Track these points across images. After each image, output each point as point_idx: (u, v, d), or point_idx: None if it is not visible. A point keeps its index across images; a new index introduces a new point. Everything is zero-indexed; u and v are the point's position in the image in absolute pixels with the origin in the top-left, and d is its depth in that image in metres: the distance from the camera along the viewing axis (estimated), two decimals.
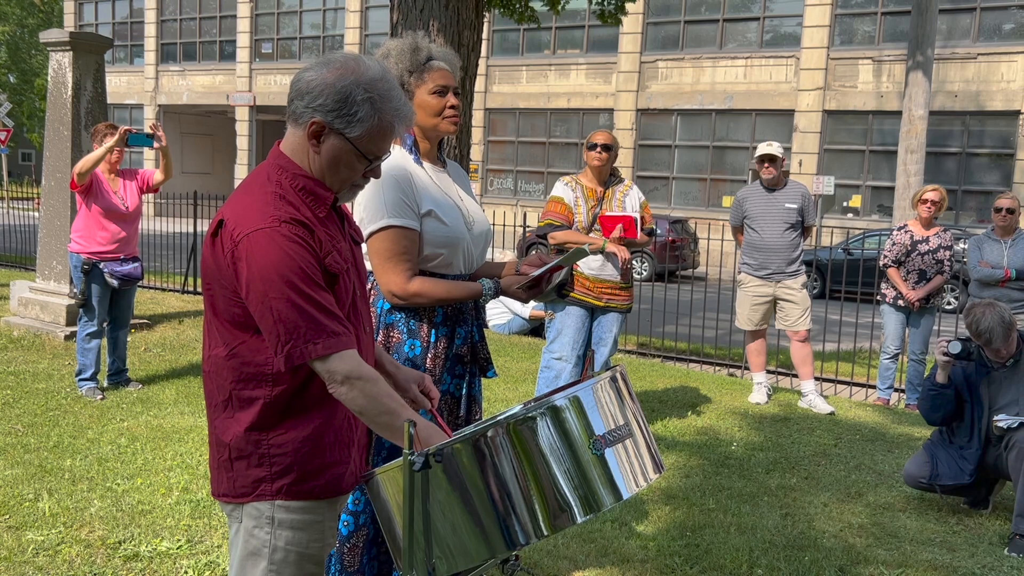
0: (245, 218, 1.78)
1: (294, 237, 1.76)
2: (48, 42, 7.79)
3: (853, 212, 21.22)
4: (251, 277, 1.75)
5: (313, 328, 1.75)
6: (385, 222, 2.54)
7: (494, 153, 26.10)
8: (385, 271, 2.55)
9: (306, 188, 1.86)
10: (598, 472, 1.79)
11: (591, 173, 5.41)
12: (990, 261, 6.67)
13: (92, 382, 6.08)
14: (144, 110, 32.23)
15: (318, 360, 1.77)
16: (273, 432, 1.85)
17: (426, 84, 2.64)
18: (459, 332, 2.71)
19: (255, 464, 1.86)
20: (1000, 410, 4.38)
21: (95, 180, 5.98)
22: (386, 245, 2.55)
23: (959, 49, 19.69)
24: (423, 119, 2.67)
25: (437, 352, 2.65)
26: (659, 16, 23.39)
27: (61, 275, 7.87)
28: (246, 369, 1.84)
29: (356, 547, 2.61)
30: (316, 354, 1.76)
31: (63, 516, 3.96)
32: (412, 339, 2.63)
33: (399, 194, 2.55)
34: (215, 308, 1.86)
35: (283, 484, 1.87)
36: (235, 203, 1.82)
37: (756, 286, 6.73)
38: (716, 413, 6.38)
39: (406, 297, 2.56)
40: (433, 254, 2.61)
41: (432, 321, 2.65)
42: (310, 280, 1.76)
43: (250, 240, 1.75)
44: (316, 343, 1.75)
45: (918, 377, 7.14)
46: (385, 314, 2.64)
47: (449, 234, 2.62)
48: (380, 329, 2.63)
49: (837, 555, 3.92)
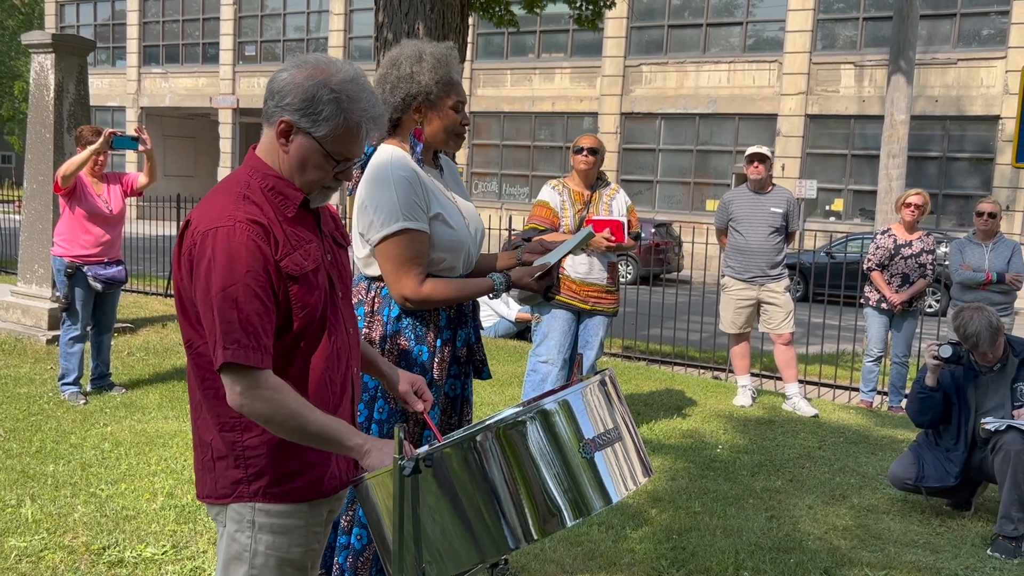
0: (206, 217, 1.80)
1: (248, 238, 1.77)
2: (30, 44, 7.73)
3: (835, 216, 21.35)
4: (198, 274, 1.77)
5: (228, 334, 1.74)
6: (400, 225, 2.49)
7: (479, 156, 26.10)
8: (399, 276, 2.52)
9: (275, 188, 1.88)
10: (587, 476, 1.80)
11: (578, 177, 5.43)
12: (972, 264, 6.73)
13: (75, 387, 6.03)
14: (126, 112, 32.02)
15: (224, 367, 1.75)
16: (247, 433, 1.86)
17: (449, 98, 2.63)
18: (460, 335, 2.71)
19: (232, 465, 1.87)
20: (987, 413, 4.42)
21: (79, 183, 5.93)
22: (400, 249, 2.51)
23: (940, 54, 19.87)
24: (436, 131, 2.65)
25: (443, 356, 2.65)
26: (643, 20, 23.47)
27: (43, 279, 7.80)
28: (210, 367, 1.85)
29: (368, 560, 2.61)
30: (223, 359, 1.74)
31: (46, 522, 3.92)
32: (419, 345, 2.61)
33: (412, 196, 2.52)
34: (184, 308, 1.87)
35: (260, 486, 1.87)
36: (203, 204, 1.85)
37: (740, 289, 6.76)
38: (701, 416, 6.40)
39: (419, 300, 2.53)
40: (437, 258, 2.59)
41: (437, 325, 2.64)
42: (246, 288, 1.76)
43: (205, 238, 1.78)
44: (227, 349, 1.74)
45: (901, 380, 7.19)
46: (392, 321, 2.61)
47: (454, 238, 2.61)
48: (388, 336, 2.60)
49: (822, 557, 3.94)
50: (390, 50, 2.72)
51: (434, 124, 2.65)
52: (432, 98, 2.62)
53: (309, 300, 1.87)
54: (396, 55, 2.65)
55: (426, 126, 2.65)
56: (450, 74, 2.63)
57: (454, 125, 2.66)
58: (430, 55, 2.61)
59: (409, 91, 2.61)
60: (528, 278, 2.62)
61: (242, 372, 1.75)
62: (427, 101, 2.62)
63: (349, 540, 2.61)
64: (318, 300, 1.89)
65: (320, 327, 1.91)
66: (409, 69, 2.60)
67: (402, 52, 2.64)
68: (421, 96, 2.61)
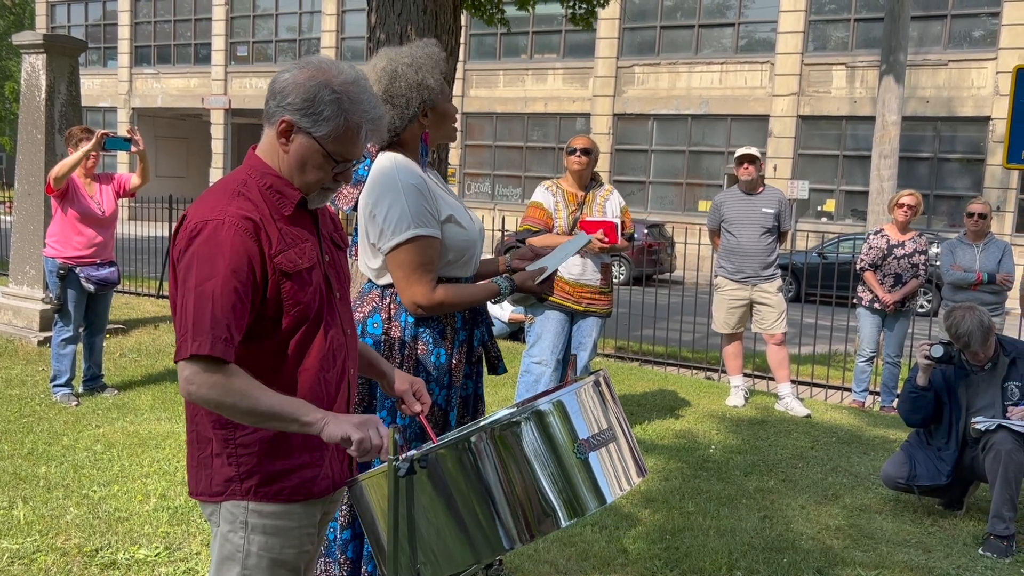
0: (199, 212, 1.82)
1: (235, 233, 1.78)
2: (21, 44, 7.70)
3: (827, 216, 21.41)
4: (182, 264, 1.79)
5: (199, 327, 1.73)
6: (412, 232, 2.49)
7: (471, 157, 26.09)
8: (411, 283, 2.52)
9: (273, 187, 1.89)
10: (582, 476, 1.80)
11: (571, 177, 5.43)
12: (963, 265, 6.76)
13: (67, 388, 6.01)
14: (118, 113, 31.91)
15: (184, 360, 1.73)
16: (240, 431, 1.86)
17: (446, 94, 2.68)
18: (476, 335, 2.74)
19: (226, 463, 1.88)
20: (977, 412, 4.44)
21: (71, 184, 5.92)
22: (411, 257, 2.51)
23: (931, 55, 19.94)
24: (441, 126, 2.68)
25: (460, 358, 2.67)
26: (635, 21, 23.50)
27: (34, 280, 7.77)
28: None
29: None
30: (187, 352, 1.73)
31: (38, 524, 3.91)
32: (437, 348, 2.62)
33: (422, 202, 2.52)
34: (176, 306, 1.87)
35: (251, 484, 1.87)
36: (199, 201, 1.87)
37: (732, 290, 6.78)
38: (694, 416, 6.41)
39: (431, 307, 2.54)
40: (454, 257, 2.61)
41: (454, 328, 2.66)
42: (226, 282, 1.75)
43: (194, 230, 1.79)
44: (196, 340, 1.72)
45: (893, 380, 7.21)
46: (411, 327, 2.61)
47: (468, 237, 2.63)
48: (406, 342, 2.60)
49: (815, 557, 3.95)
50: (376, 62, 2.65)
51: (440, 123, 2.68)
52: (433, 98, 2.63)
53: (302, 298, 1.87)
54: (390, 68, 2.59)
55: (433, 128, 2.67)
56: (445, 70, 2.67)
57: (455, 116, 2.72)
58: (427, 57, 2.62)
59: (423, 98, 2.61)
60: (531, 282, 2.67)
61: (203, 363, 1.73)
62: (433, 103, 2.64)
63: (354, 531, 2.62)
64: (312, 299, 1.89)
65: (315, 326, 1.91)
66: (417, 77, 2.59)
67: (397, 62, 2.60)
68: (431, 100, 2.63)
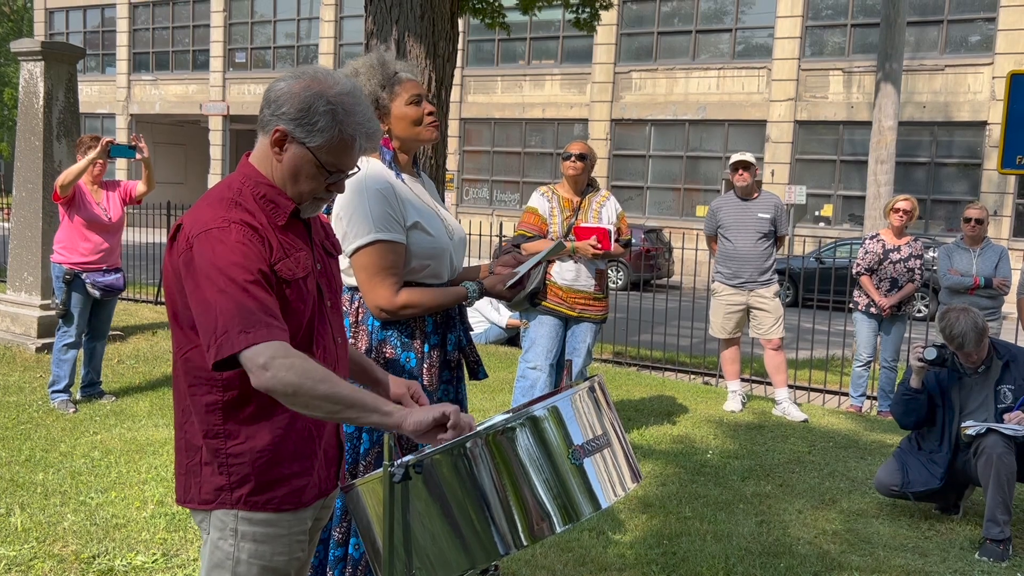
0: (199, 221, 1.82)
1: (242, 237, 1.79)
2: (19, 51, 7.71)
3: (824, 221, 21.44)
4: (196, 273, 1.77)
5: (247, 319, 1.73)
6: (372, 237, 2.52)
7: (469, 163, 26.12)
8: (372, 286, 2.54)
9: (266, 196, 1.90)
10: (577, 482, 1.81)
11: (567, 183, 5.45)
12: (960, 270, 6.78)
13: (65, 394, 6.02)
14: (116, 119, 31.93)
15: (245, 351, 1.73)
16: (231, 441, 1.87)
17: (400, 96, 2.66)
18: (449, 339, 2.73)
19: (216, 472, 1.88)
20: (969, 415, 4.45)
21: (78, 191, 5.97)
22: (373, 260, 2.53)
23: (927, 61, 19.99)
24: (404, 130, 2.68)
25: (432, 362, 2.66)
26: (633, 27, 23.55)
27: (32, 286, 7.78)
28: (198, 373, 1.86)
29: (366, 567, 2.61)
30: (244, 344, 1.72)
31: (36, 531, 3.91)
32: (406, 351, 2.63)
33: (385, 207, 2.54)
34: (175, 313, 1.88)
35: (242, 494, 1.88)
36: (195, 209, 1.87)
37: (729, 295, 6.79)
38: (691, 421, 6.41)
39: (394, 311, 2.55)
40: (420, 265, 2.61)
41: (423, 331, 2.65)
42: (251, 277, 1.77)
43: (199, 239, 1.79)
44: (248, 332, 1.72)
45: (890, 384, 7.22)
46: (377, 331, 2.63)
47: (435, 245, 2.63)
48: (373, 347, 2.62)
49: (812, 561, 3.96)
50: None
51: (397, 125, 2.67)
52: (383, 103, 2.64)
53: (298, 307, 1.88)
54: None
55: (392, 131, 2.68)
56: (387, 73, 2.64)
57: (417, 117, 2.66)
58: (363, 65, 2.65)
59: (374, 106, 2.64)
60: (500, 286, 2.67)
61: (273, 346, 1.73)
62: (380, 107, 2.65)
63: (346, 551, 2.62)
64: (306, 308, 1.90)
65: (308, 336, 1.92)
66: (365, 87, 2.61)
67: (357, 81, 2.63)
68: (374, 105, 2.64)
